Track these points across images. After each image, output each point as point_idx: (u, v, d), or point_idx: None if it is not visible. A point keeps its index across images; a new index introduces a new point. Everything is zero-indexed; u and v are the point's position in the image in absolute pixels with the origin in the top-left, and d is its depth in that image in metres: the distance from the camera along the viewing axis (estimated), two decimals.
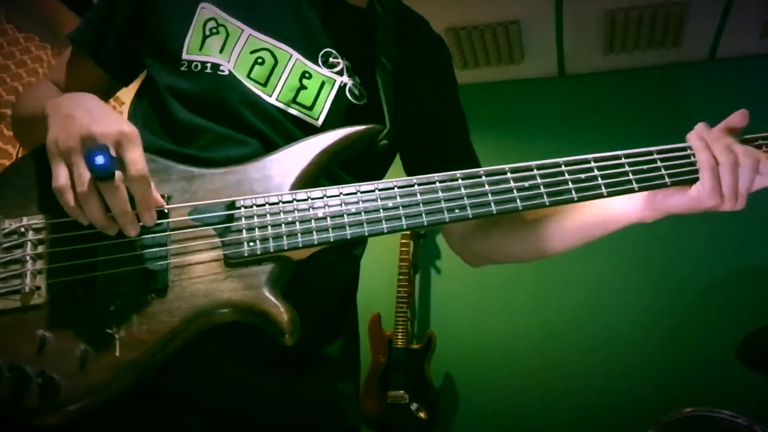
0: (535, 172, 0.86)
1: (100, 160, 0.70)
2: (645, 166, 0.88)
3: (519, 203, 0.83)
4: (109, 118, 0.75)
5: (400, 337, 3.08)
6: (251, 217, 0.80)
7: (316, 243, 0.80)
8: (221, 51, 0.94)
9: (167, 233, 0.78)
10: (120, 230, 0.76)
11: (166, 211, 0.79)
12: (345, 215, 0.81)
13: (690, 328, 2.95)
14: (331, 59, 0.98)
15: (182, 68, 0.94)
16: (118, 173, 0.72)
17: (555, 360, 3.11)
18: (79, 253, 0.77)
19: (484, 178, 0.85)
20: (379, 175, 1.05)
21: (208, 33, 0.95)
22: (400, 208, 0.82)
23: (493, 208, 0.83)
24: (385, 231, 0.81)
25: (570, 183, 0.85)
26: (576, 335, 3.11)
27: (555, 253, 1.02)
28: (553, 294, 3.22)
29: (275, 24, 0.97)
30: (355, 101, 0.98)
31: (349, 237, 0.80)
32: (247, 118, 0.91)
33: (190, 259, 0.78)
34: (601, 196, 0.85)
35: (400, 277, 3.17)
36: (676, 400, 2.37)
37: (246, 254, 0.78)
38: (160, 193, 0.80)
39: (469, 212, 0.83)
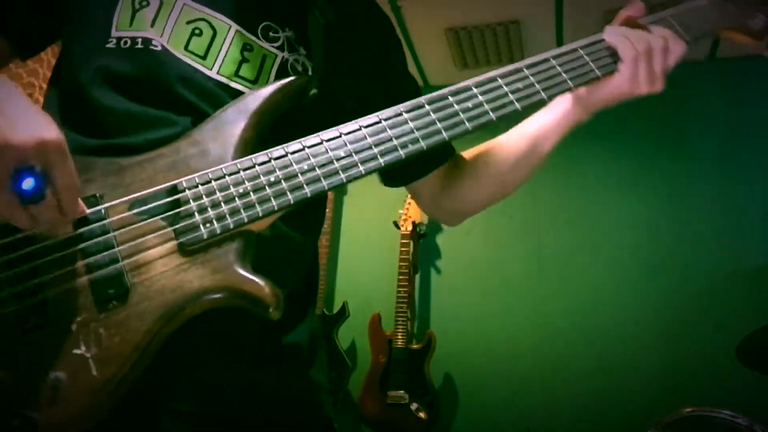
0: (475, 90, 0.86)
1: (28, 184, 0.61)
2: (574, 64, 0.90)
3: (467, 124, 0.84)
4: (27, 118, 0.65)
5: (400, 337, 3.08)
6: (199, 197, 0.74)
7: (276, 209, 0.75)
8: (153, 24, 0.86)
9: (112, 234, 0.71)
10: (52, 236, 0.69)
11: (102, 211, 0.72)
12: (299, 174, 0.76)
13: (690, 328, 2.95)
14: (271, 33, 0.92)
15: (108, 45, 0.85)
16: (47, 192, 0.64)
17: (555, 360, 3.11)
18: (19, 277, 0.68)
19: (427, 107, 0.84)
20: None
21: (137, 6, 0.87)
22: (353, 154, 0.78)
23: (444, 134, 0.83)
24: (345, 180, 0.77)
25: (510, 95, 0.86)
26: (576, 335, 3.11)
27: (519, 181, 1.06)
28: (553, 294, 3.22)
29: None
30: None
31: (309, 195, 0.76)
32: (182, 95, 0.84)
33: (145, 256, 0.71)
34: (543, 102, 0.88)
35: (400, 277, 3.17)
36: (676, 400, 2.36)
37: (205, 236, 0.72)
38: (89, 194, 0.72)
39: (423, 144, 0.81)
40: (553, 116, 1.00)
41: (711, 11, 0.97)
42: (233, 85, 0.87)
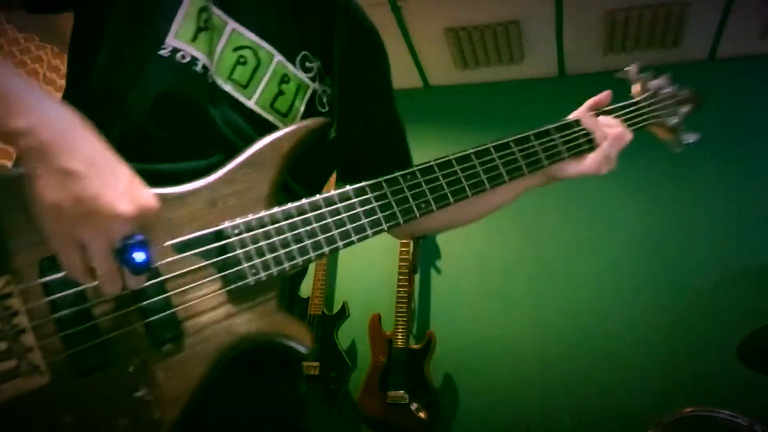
0: (475, 161, 0.97)
1: (140, 257, 0.60)
2: (550, 143, 1.03)
3: (468, 191, 0.94)
4: (117, 178, 0.61)
5: (400, 337, 3.08)
6: (245, 244, 0.76)
7: (313, 259, 0.80)
8: (209, 47, 0.83)
9: (162, 278, 0.71)
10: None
11: None
12: (333, 226, 0.82)
13: (690, 328, 2.95)
14: (307, 63, 0.93)
15: (162, 53, 0.80)
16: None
17: (555, 360, 3.11)
18: (72, 318, 0.66)
19: (438, 172, 0.95)
20: (323, 179, 1.03)
21: (202, 24, 0.83)
22: (377, 210, 0.86)
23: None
24: (371, 235, 0.85)
25: (501, 167, 0.97)
26: (576, 335, 3.11)
27: (470, 221, 1.14)
28: (553, 294, 3.22)
29: (259, 19, 0.89)
30: (321, 109, 0.95)
31: (342, 247, 0.82)
32: (221, 130, 0.82)
33: (196, 301, 0.73)
34: (523, 176, 1.00)
35: (400, 277, 3.17)
36: (676, 400, 2.37)
37: (252, 284, 0.76)
38: None
39: (434, 206, 0.91)
40: (520, 180, 1.04)
41: (648, 110, 1.16)
42: (265, 115, 0.88)
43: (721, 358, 2.53)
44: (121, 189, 0.60)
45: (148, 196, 0.62)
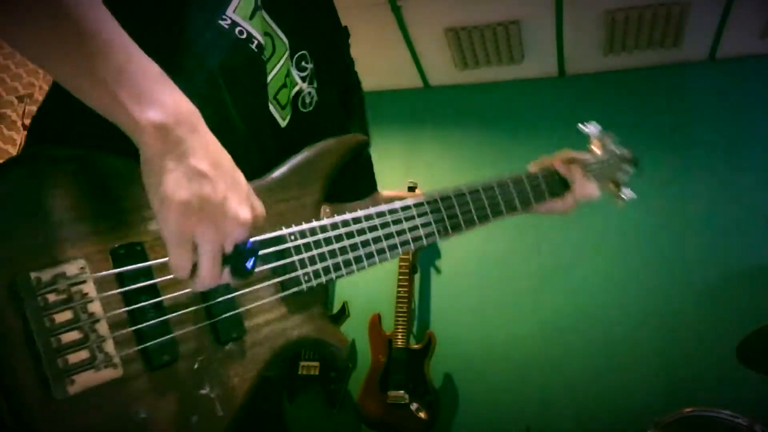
0: (483, 194, 1.05)
1: (250, 263, 0.63)
2: (534, 184, 1.15)
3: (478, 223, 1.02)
4: (238, 183, 0.62)
5: (400, 337, 3.08)
6: (300, 251, 0.79)
7: (356, 271, 0.84)
8: (263, 27, 0.84)
9: None
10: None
11: None
12: (383, 238, 0.87)
13: (690, 328, 2.95)
14: (303, 63, 0.95)
15: (222, 23, 0.79)
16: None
17: (555, 360, 3.11)
18: (145, 312, 0.65)
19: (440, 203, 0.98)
20: (364, 189, 1.10)
21: (259, 3, 0.83)
22: (420, 228, 0.92)
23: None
24: (413, 249, 0.91)
25: (502, 203, 1.08)
26: (576, 335, 3.11)
27: None
28: (553, 294, 3.22)
29: (281, 10, 0.89)
30: (303, 109, 0.96)
31: (390, 258, 0.87)
32: (259, 110, 0.84)
33: (256, 303, 0.75)
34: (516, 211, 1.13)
35: (400, 277, 3.17)
36: (676, 400, 2.37)
37: (305, 290, 0.79)
38: None
39: (437, 236, 0.96)
40: None
41: (605, 168, 1.30)
42: (270, 107, 0.89)
43: (721, 358, 2.52)
44: (242, 195, 0.61)
45: (260, 204, 0.65)
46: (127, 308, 0.64)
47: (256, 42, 0.82)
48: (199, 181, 0.58)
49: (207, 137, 0.61)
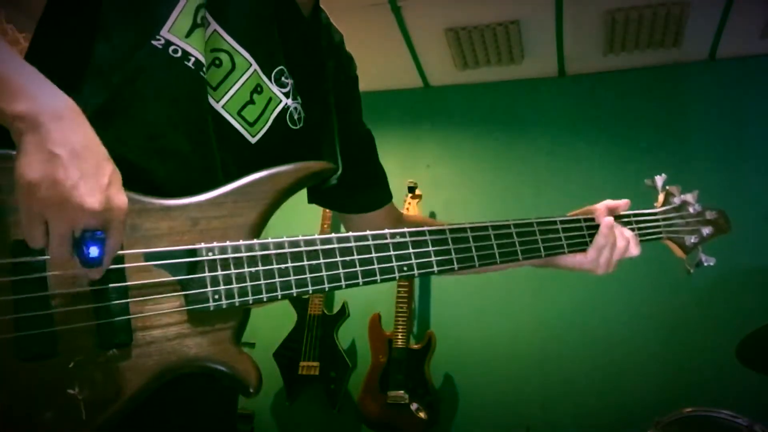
0: (509, 230, 1.05)
1: (94, 252, 0.63)
2: (552, 235, 1.09)
3: (498, 258, 1.02)
4: (97, 173, 0.63)
5: (400, 337, 3.08)
6: (214, 268, 0.75)
7: (279, 298, 0.78)
8: (202, 44, 0.84)
9: (126, 283, 0.71)
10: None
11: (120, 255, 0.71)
12: (307, 270, 0.80)
13: (690, 328, 2.95)
14: (283, 78, 0.94)
15: (155, 43, 0.80)
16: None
17: (555, 360, 3.11)
18: (28, 303, 0.66)
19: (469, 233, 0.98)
20: (372, 201, 1.08)
21: (199, 21, 0.83)
22: (357, 264, 0.84)
23: (477, 262, 0.97)
24: (344, 287, 0.83)
25: (518, 245, 1.07)
26: (576, 335, 3.11)
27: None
28: (552, 294, 3.22)
29: (242, 28, 0.90)
30: (292, 126, 0.96)
31: (311, 291, 0.80)
32: (206, 133, 0.83)
33: (153, 312, 0.72)
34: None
35: None
36: (676, 400, 2.36)
37: (212, 308, 0.74)
38: None
39: (455, 265, 0.93)
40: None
41: (664, 224, 1.20)
42: (230, 120, 0.88)
43: (721, 358, 2.52)
44: (97, 184, 0.62)
45: (120, 196, 0.64)
46: (14, 297, 0.65)
47: (193, 59, 0.82)
48: (53, 165, 0.60)
49: (75, 127, 0.63)
